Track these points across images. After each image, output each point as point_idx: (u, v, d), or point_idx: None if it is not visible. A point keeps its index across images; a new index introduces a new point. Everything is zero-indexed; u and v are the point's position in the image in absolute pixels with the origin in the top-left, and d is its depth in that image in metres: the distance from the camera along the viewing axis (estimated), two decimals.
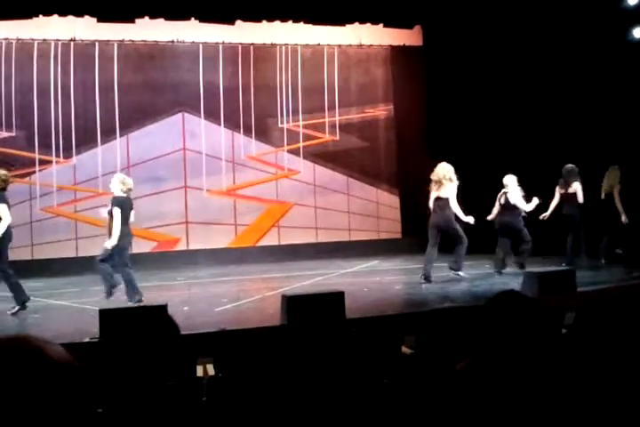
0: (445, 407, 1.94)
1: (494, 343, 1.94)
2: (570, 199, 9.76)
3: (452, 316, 2.55)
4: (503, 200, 9.42)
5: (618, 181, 9.85)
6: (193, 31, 12.33)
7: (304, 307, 6.06)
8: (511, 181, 9.38)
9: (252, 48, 12.84)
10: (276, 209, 13.01)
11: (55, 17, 11.55)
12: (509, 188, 9.36)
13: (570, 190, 9.75)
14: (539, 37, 11.19)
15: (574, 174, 9.78)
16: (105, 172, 11.77)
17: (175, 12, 11.79)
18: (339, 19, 12.70)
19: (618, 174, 9.90)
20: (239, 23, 12.42)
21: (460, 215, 8.96)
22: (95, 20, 11.65)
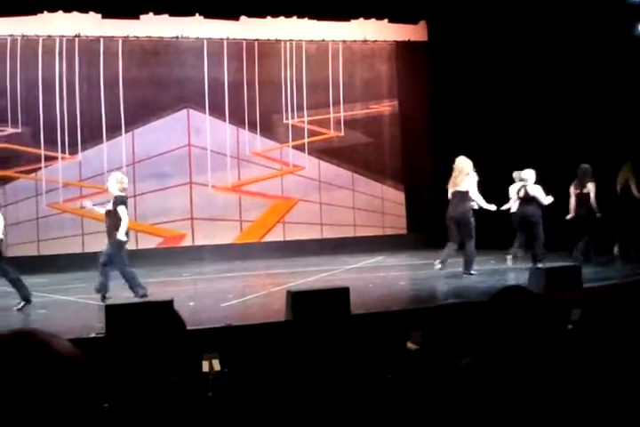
0: (450, 403, 1.94)
1: (500, 339, 1.94)
2: (585, 200, 9.84)
3: (457, 311, 2.55)
4: (523, 193, 9.50)
5: (632, 175, 9.94)
6: (197, 27, 12.32)
7: (309, 303, 6.06)
8: (530, 175, 9.48)
9: (256, 44, 12.82)
10: (281, 205, 13.02)
11: (60, 13, 11.55)
12: (529, 181, 9.43)
13: (584, 191, 9.84)
14: (544, 33, 11.14)
15: (589, 175, 9.86)
16: (110, 168, 11.78)
17: (180, 8, 11.77)
18: (343, 14, 12.66)
19: (632, 170, 9.99)
20: (244, 19, 12.40)
21: (482, 203, 9.04)
22: (100, 17, 11.64)
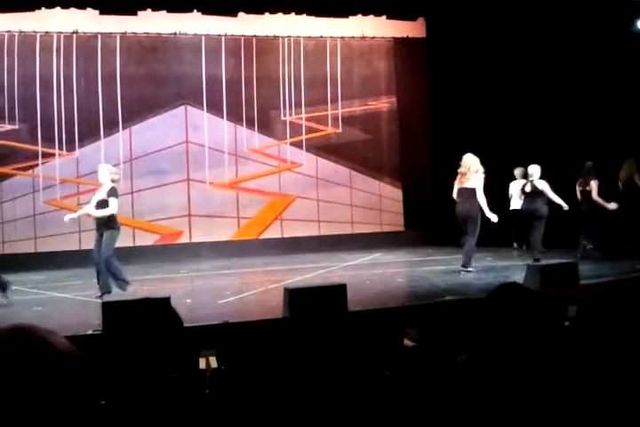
0: (447, 400, 1.94)
1: (496, 336, 1.94)
2: (588, 197, 10.06)
3: (453, 308, 2.56)
4: (529, 188, 9.54)
5: (637, 171, 10.03)
6: (195, 23, 12.30)
7: (306, 300, 6.07)
8: (536, 170, 9.53)
9: (254, 40, 12.81)
10: (278, 202, 13.02)
11: (57, 9, 11.51)
12: (535, 176, 9.50)
13: (588, 188, 10.05)
14: (543, 29, 11.14)
15: (592, 173, 10.06)
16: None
17: (177, 4, 11.74)
18: (341, 10, 12.64)
19: (634, 166, 10.07)
20: (242, 15, 12.37)
21: (485, 208, 8.94)
22: (97, 13, 11.61)
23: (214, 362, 4.12)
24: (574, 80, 11.12)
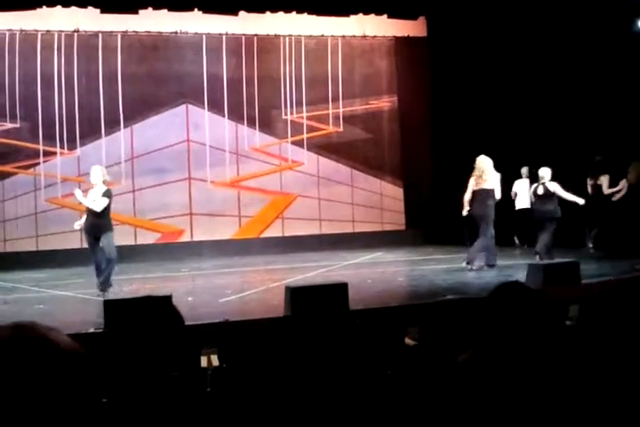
0: (448, 399, 1.95)
1: (497, 335, 1.94)
2: (599, 191, 10.29)
3: (455, 307, 2.56)
4: (541, 190, 9.56)
5: None
6: (196, 22, 12.30)
7: (307, 298, 6.07)
8: (547, 172, 9.58)
9: (255, 39, 12.81)
10: (279, 201, 13.02)
11: (58, 8, 11.51)
12: (546, 179, 9.56)
13: (598, 182, 10.29)
14: (544, 28, 11.12)
15: (602, 167, 10.23)
16: (109, 163, 11.78)
17: (178, 3, 11.73)
18: (343, 9, 12.63)
19: None
20: (243, 14, 12.37)
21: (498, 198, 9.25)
22: (99, 11, 11.61)
23: (216, 360, 4.13)
24: (575, 79, 11.11)
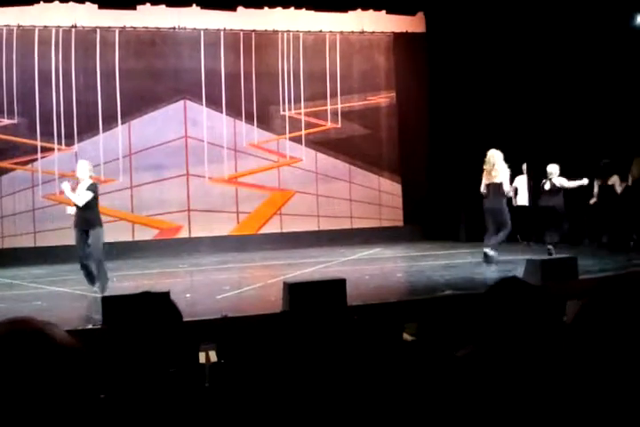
0: (447, 395, 1.95)
1: (496, 331, 1.94)
2: (608, 192, 10.41)
3: (453, 303, 2.56)
4: (548, 186, 9.80)
5: None
6: (194, 18, 12.27)
7: (306, 294, 6.07)
8: (555, 168, 9.78)
9: (253, 35, 12.78)
10: (277, 197, 13.01)
11: (56, 3, 11.49)
12: (554, 175, 9.75)
13: (609, 183, 10.44)
14: (543, 24, 11.11)
15: (611, 169, 10.38)
16: (107, 159, 11.78)
17: None
18: (341, 5, 12.62)
19: None
20: (241, 9, 12.35)
21: (511, 195, 9.63)
22: (96, 7, 11.59)
23: (214, 356, 4.13)
24: (573, 75, 11.11)
